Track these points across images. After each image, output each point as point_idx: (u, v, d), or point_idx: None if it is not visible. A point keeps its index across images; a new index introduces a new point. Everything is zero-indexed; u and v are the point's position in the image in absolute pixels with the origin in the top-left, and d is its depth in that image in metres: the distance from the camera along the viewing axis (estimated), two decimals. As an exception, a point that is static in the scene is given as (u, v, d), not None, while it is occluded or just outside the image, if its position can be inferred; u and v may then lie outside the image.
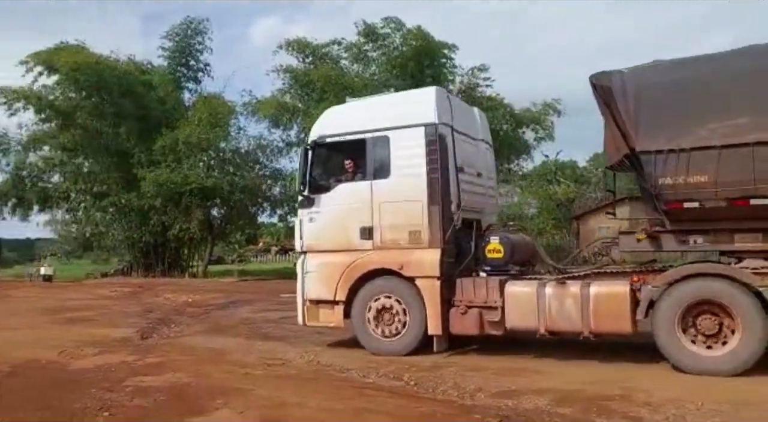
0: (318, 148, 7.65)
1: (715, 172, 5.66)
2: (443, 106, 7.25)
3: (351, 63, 22.98)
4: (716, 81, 5.96)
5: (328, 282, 7.32)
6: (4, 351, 7.44)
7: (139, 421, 4.42)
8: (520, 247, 7.34)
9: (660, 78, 6.25)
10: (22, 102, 22.47)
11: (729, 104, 5.77)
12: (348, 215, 7.33)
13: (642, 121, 6.06)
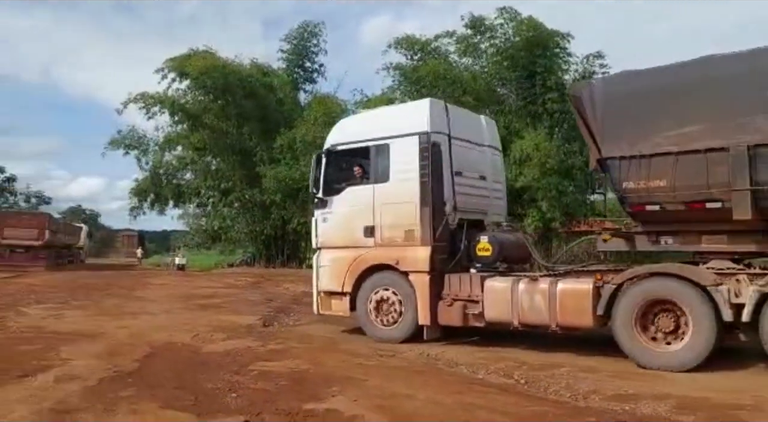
0: (331, 155, 8.47)
1: (673, 176, 6.04)
2: (438, 116, 7.87)
3: (460, 56, 22.82)
4: (673, 91, 6.28)
5: (338, 276, 8.17)
6: (146, 334, 8.29)
7: (264, 403, 4.73)
8: (511, 246, 7.84)
9: (623, 88, 6.71)
10: (158, 106, 24.68)
11: (684, 113, 6.09)
12: (354, 215, 8.09)
13: (607, 129, 6.52)
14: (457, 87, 20.49)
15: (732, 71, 5.96)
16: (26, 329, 8.84)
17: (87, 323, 9.44)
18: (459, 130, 8.15)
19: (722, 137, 5.79)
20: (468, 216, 7.95)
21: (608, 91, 6.72)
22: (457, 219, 7.80)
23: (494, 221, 8.50)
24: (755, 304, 5.49)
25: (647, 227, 6.68)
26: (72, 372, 5.82)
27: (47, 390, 5.16)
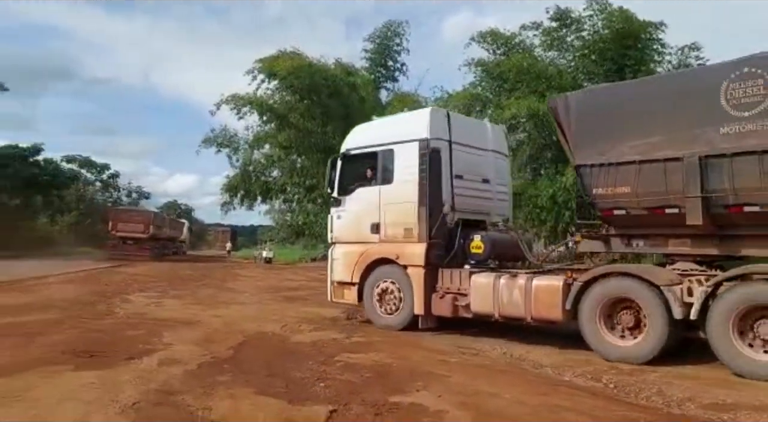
0: (345, 159, 9.31)
1: (636, 183, 6.54)
2: (438, 123, 8.48)
3: (545, 50, 22.20)
4: (636, 104, 6.77)
5: (348, 268, 8.99)
6: (238, 323, 8.75)
7: (350, 394, 4.88)
8: (503, 244, 8.33)
9: (593, 101, 7.33)
10: (248, 107, 25.75)
11: (646, 125, 6.56)
12: (363, 213, 8.86)
13: (579, 139, 7.08)
14: (542, 82, 19.99)
15: (687, 86, 6.54)
16: (131, 315, 9.56)
17: (184, 311, 10.08)
18: (461, 137, 8.74)
19: (678, 148, 6.24)
20: (468, 217, 8.62)
21: (580, 104, 7.25)
22: (456, 218, 8.42)
23: (493, 221, 9.00)
24: (702, 304, 5.89)
25: (619, 230, 7.17)
26: (173, 357, 6.26)
27: (152, 373, 5.57)
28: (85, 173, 50.15)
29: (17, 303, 10.91)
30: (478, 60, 22.12)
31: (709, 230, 6.32)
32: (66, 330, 7.97)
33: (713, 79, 6.17)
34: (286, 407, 4.51)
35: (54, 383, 5.13)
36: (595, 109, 7.14)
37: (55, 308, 10.24)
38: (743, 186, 5.92)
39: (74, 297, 12.18)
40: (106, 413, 4.31)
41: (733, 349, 5.67)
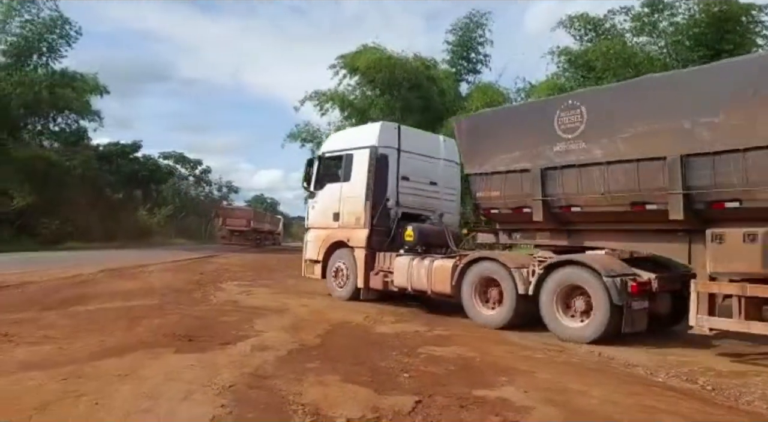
0: (320, 160, 11.40)
1: (503, 189, 8.46)
2: (387, 135, 10.44)
3: (635, 36, 21.13)
4: (504, 127, 8.72)
5: (315, 248, 11.20)
6: (323, 312, 9.03)
7: (434, 386, 4.94)
8: (431, 234, 10.01)
9: (477, 123, 9.38)
10: (329, 103, 26.28)
11: (510, 143, 8.40)
12: (329, 204, 10.93)
13: (467, 153, 9.16)
14: (629, 70, 19.07)
15: (535, 114, 8.49)
16: (224, 303, 10.08)
17: (273, 300, 10.51)
18: (411, 146, 10.64)
19: (528, 161, 8.12)
20: (413, 211, 10.52)
21: (469, 125, 9.35)
22: (400, 212, 10.38)
23: (426, 216, 10.63)
24: (536, 282, 7.65)
25: (501, 226, 9.05)
26: (265, 343, 6.55)
27: (246, 358, 5.86)
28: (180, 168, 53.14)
29: (124, 289, 11.79)
30: (563, 48, 21.43)
31: (552, 225, 8.19)
32: (167, 315, 8.54)
33: (551, 108, 7.92)
34: (373, 396, 4.62)
35: (158, 363, 5.53)
36: (477, 130, 9.08)
37: (156, 294, 10.98)
38: (568, 191, 7.72)
39: (172, 284, 13.00)
40: (206, 393, 4.59)
41: (555, 318, 7.46)
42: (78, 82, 30.85)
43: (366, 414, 4.16)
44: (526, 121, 8.45)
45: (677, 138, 6.53)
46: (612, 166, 7.19)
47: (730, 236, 6.07)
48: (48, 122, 32.91)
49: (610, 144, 7.19)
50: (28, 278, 13.18)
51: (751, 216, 6.02)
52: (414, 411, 4.29)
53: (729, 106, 6.14)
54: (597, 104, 7.56)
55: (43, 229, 31.35)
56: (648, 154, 6.81)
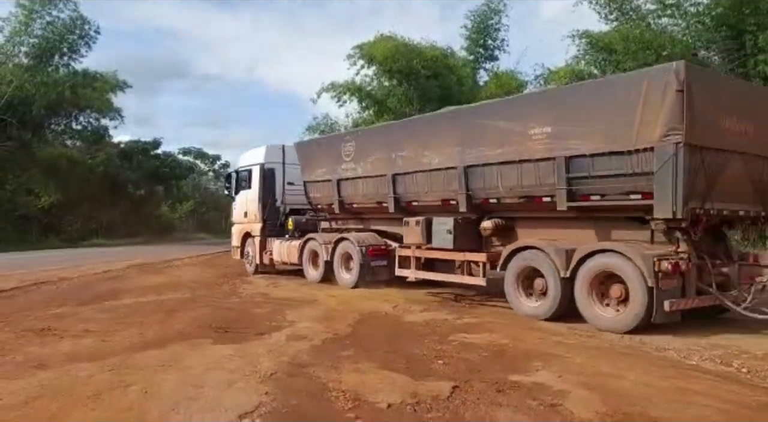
0: (236, 174, 15.32)
1: (320, 192, 12.51)
2: (273, 154, 14.06)
3: (657, 17, 20.77)
4: (317, 150, 13.01)
5: (236, 238, 15.12)
6: (352, 302, 9.14)
7: (470, 372, 5.02)
8: (306, 224, 13.26)
9: (305, 146, 13.64)
10: (347, 94, 26.27)
11: (320, 161, 12.42)
12: (241, 205, 14.83)
13: (303, 166, 13.04)
14: (650, 52, 18.81)
15: (332, 143, 12.35)
16: (254, 295, 10.28)
17: (301, 291, 10.67)
18: (294, 160, 13.51)
19: (329, 174, 12.04)
20: (299, 207, 13.69)
21: (300, 147, 13.54)
22: (287, 209, 13.91)
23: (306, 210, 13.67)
24: (330, 253, 11.55)
25: (331, 216, 12.73)
26: (299, 333, 6.70)
27: (282, 347, 6.01)
28: (200, 164, 53.62)
29: (154, 283, 12.05)
30: (583, 31, 21.14)
31: (347, 216, 12.19)
32: (199, 307, 8.73)
33: (340, 140, 12.12)
34: (410, 382, 4.72)
35: (199, 354, 5.69)
36: (305, 152, 13.18)
37: (185, 288, 11.21)
38: (349, 193, 11.73)
39: (200, 278, 13.25)
40: (249, 382, 4.73)
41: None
42: (99, 81, 31.27)
43: (405, 400, 4.26)
44: (327, 148, 12.34)
45: (389, 163, 10.56)
46: (366, 179, 11.18)
47: (410, 222, 10.07)
48: (70, 121, 33.44)
49: (365, 165, 11.15)
50: (61, 275, 13.52)
51: (423, 211, 10.10)
52: (452, 396, 4.38)
53: (412, 144, 10.17)
54: (360, 140, 11.55)
55: (68, 227, 32.00)
56: (378, 173, 10.82)
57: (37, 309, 8.61)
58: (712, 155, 6.75)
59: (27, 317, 7.92)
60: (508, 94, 24.39)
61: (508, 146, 8.31)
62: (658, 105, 6.57)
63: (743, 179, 7.26)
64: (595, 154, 7.25)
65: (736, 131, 7.06)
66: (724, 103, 6.99)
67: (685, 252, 6.88)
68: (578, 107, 7.57)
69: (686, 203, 6.56)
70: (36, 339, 6.44)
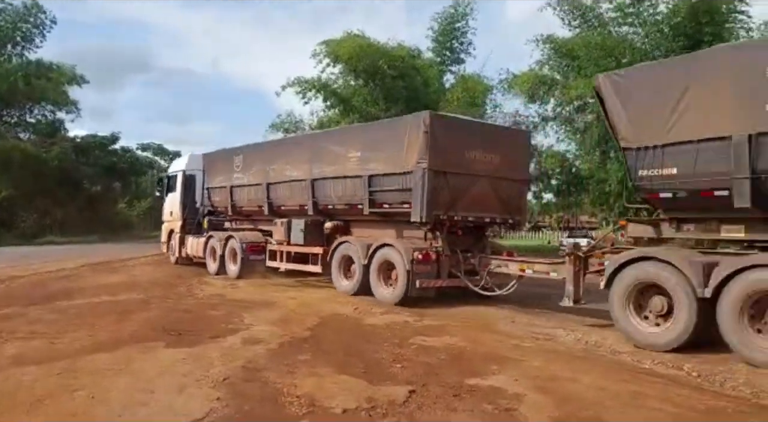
0: (166, 178, 17.28)
1: (220, 196, 14.62)
2: (194, 162, 15.87)
3: (618, 26, 21.27)
4: (216, 161, 15.04)
5: (164, 234, 17.19)
6: (312, 305, 9.05)
7: (427, 376, 5.00)
8: (218, 223, 14.80)
9: (209, 157, 15.55)
10: (312, 91, 25.99)
11: (220, 170, 14.52)
12: (169, 206, 16.81)
13: (207, 174, 15.21)
14: (611, 59, 19.25)
15: (227, 156, 14.55)
16: (211, 296, 10.05)
17: (260, 293, 10.49)
18: None
19: (225, 182, 14.23)
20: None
21: (205, 158, 15.50)
22: (206, 210, 15.31)
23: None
24: (222, 248, 13.49)
25: (229, 218, 14.73)
26: (255, 336, 6.57)
27: (237, 351, 5.88)
28: (159, 160, 52.40)
29: (109, 283, 11.67)
30: (547, 36, 21.48)
31: (239, 217, 14.45)
32: (153, 309, 8.49)
33: (233, 153, 14.27)
34: (367, 386, 4.67)
35: (151, 358, 5.52)
36: (208, 162, 15.52)
37: (140, 288, 10.90)
38: (238, 199, 14.11)
39: (156, 278, 12.91)
40: (201, 387, 4.60)
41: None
42: (54, 72, 30.21)
43: (361, 405, 4.21)
44: (224, 160, 14.49)
45: (265, 174, 12.81)
46: (249, 187, 13.37)
47: (277, 223, 12.20)
48: (24, 113, 32.24)
49: (249, 175, 13.35)
50: (11, 273, 12.99)
51: (287, 214, 12.20)
52: (408, 400, 4.35)
53: (280, 160, 12.51)
54: (246, 154, 13.72)
55: (21, 223, 30.81)
56: (257, 182, 13.04)
57: (-19, 310, 8.23)
58: (455, 178, 9.23)
59: (-31, 318, 7.56)
60: (473, 97, 24.65)
61: (338, 165, 10.73)
62: (415, 141, 9.10)
63: (490, 195, 9.64)
64: (384, 173, 9.75)
65: (482, 160, 9.50)
66: (469, 140, 9.47)
67: (439, 246, 9.28)
68: (375, 139, 10.24)
69: (430, 211, 8.98)
70: (-22, 342, 6.15)
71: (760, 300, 5.57)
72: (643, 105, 6.74)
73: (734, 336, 5.62)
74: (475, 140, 9.52)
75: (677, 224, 6.77)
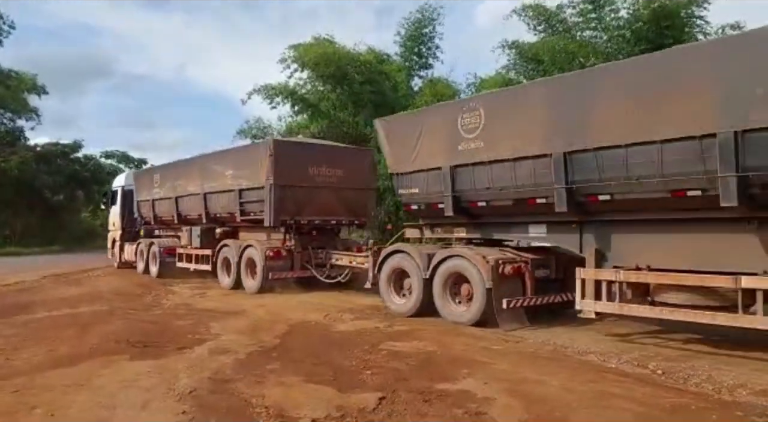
0: (111, 193, 19.15)
1: (145, 208, 16.72)
2: (131, 178, 18.07)
3: (580, 31, 21.72)
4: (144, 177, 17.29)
5: (109, 242, 18.98)
6: (281, 313, 8.93)
7: (397, 382, 4.98)
8: (151, 232, 16.67)
9: (139, 173, 18.63)
10: (280, 96, 25.81)
11: (145, 186, 16.68)
12: (112, 217, 18.81)
13: (136, 188, 17.28)
14: (575, 63, 19.61)
15: (148, 173, 17.64)
16: (177, 306, 9.85)
17: (228, 301, 10.33)
18: None
19: (148, 196, 16.32)
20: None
21: (135, 174, 18.40)
22: (144, 221, 16.90)
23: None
24: (147, 252, 15.93)
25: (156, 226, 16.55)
26: (222, 346, 6.46)
27: (204, 362, 5.77)
28: (124, 168, 51.27)
29: (71, 295, 11.36)
30: (513, 41, 21.81)
31: (159, 226, 16.58)
32: (117, 321, 8.28)
33: (152, 171, 17.02)
34: (336, 395, 4.62)
35: (113, 372, 5.37)
36: (137, 178, 17.86)
37: (104, 300, 10.63)
38: (158, 211, 16.45)
39: (121, 289, 12.61)
40: (165, 400, 4.50)
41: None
42: (14, 79, 29.35)
43: (331, 413, 4.17)
44: (147, 176, 16.92)
45: (174, 189, 15.10)
46: (164, 200, 15.70)
47: (183, 230, 14.84)
48: (-19, 121, 31.23)
49: (165, 190, 15.50)
50: (-34, 287, 12.52)
51: (191, 222, 14.61)
52: (378, 407, 4.32)
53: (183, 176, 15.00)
54: (162, 171, 16.03)
55: (-22, 234, 29.81)
56: (169, 195, 15.44)
57: (-66, 326, 7.91)
58: (299, 189, 11.43)
59: None
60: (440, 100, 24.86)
61: (219, 181, 12.98)
62: (264, 162, 11.29)
63: (334, 202, 11.89)
64: (249, 188, 11.91)
65: (326, 174, 11.76)
66: (313, 158, 11.72)
67: (292, 245, 11.57)
68: (243, 159, 12.35)
69: (277, 217, 11.24)
70: (-71, 360, 5.89)
71: (454, 279, 8.07)
72: (399, 142, 9.16)
73: (439, 301, 8.17)
74: (318, 158, 11.76)
75: (431, 228, 9.23)
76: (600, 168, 6.44)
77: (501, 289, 7.45)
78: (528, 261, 7.73)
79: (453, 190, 8.19)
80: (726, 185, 5.42)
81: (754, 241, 5.68)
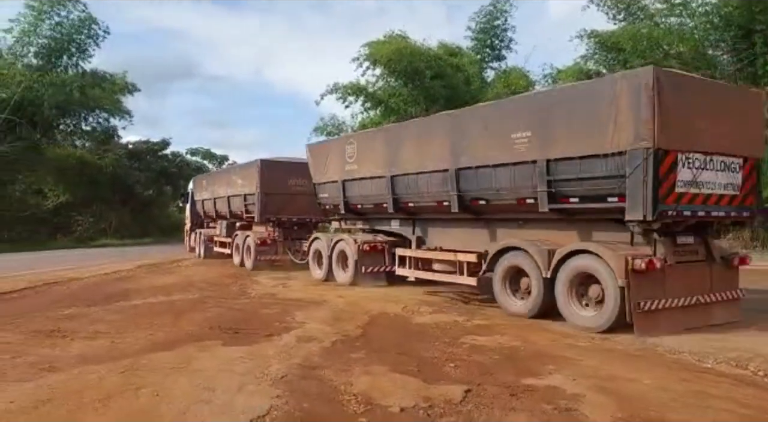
0: (187, 193, 23.14)
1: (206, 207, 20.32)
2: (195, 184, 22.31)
3: (665, 17, 20.65)
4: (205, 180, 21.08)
5: (184, 233, 23.41)
6: (361, 303, 9.10)
7: (482, 375, 4.97)
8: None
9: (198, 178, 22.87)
10: (352, 96, 26.18)
11: (204, 188, 20.27)
12: (188, 213, 22.84)
13: (195, 190, 21.83)
14: (659, 50, 18.70)
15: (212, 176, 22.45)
16: (263, 296, 10.25)
17: (309, 292, 10.64)
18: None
19: (209, 195, 19.67)
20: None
21: (194, 179, 23.77)
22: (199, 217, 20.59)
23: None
24: (204, 240, 20.08)
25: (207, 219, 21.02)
26: (308, 335, 6.67)
27: (292, 349, 5.98)
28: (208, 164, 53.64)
29: (164, 283, 12.07)
30: (591, 31, 21.09)
31: (209, 219, 20.99)
32: (209, 308, 8.73)
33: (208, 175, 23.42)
34: (422, 385, 4.67)
35: (209, 356, 5.68)
36: (195, 182, 22.28)
37: (195, 288, 11.22)
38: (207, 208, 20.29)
39: (209, 278, 13.26)
40: (259, 384, 4.70)
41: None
42: (107, 81, 31.35)
43: (418, 404, 4.22)
44: (198, 182, 21.36)
45: (211, 192, 19.39)
46: (209, 201, 19.50)
47: (218, 223, 19.32)
48: (80, 122, 33.47)
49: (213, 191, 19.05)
50: (71, 275, 13.56)
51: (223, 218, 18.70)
52: (465, 399, 4.33)
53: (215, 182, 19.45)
54: (208, 179, 20.74)
55: (77, 227, 32.08)
56: (212, 196, 19.46)
57: (47, 310, 8.64)
58: (278, 196, 15.41)
59: (37, 318, 7.94)
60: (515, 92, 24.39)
61: (235, 188, 16.71)
62: (256, 175, 15.33)
63: (307, 205, 14.72)
64: (250, 193, 15.71)
65: (302, 184, 15.06)
66: (291, 172, 15.26)
67: (276, 235, 15.31)
68: (245, 172, 16.41)
69: (262, 215, 15.26)
70: (46, 341, 6.46)
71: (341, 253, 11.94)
72: (317, 162, 12.81)
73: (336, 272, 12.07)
74: (295, 172, 14.98)
75: (345, 221, 12.68)
76: (407, 187, 10.27)
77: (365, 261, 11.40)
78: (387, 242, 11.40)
79: (344, 196, 11.88)
80: (454, 199, 9.14)
81: (482, 232, 9.34)
